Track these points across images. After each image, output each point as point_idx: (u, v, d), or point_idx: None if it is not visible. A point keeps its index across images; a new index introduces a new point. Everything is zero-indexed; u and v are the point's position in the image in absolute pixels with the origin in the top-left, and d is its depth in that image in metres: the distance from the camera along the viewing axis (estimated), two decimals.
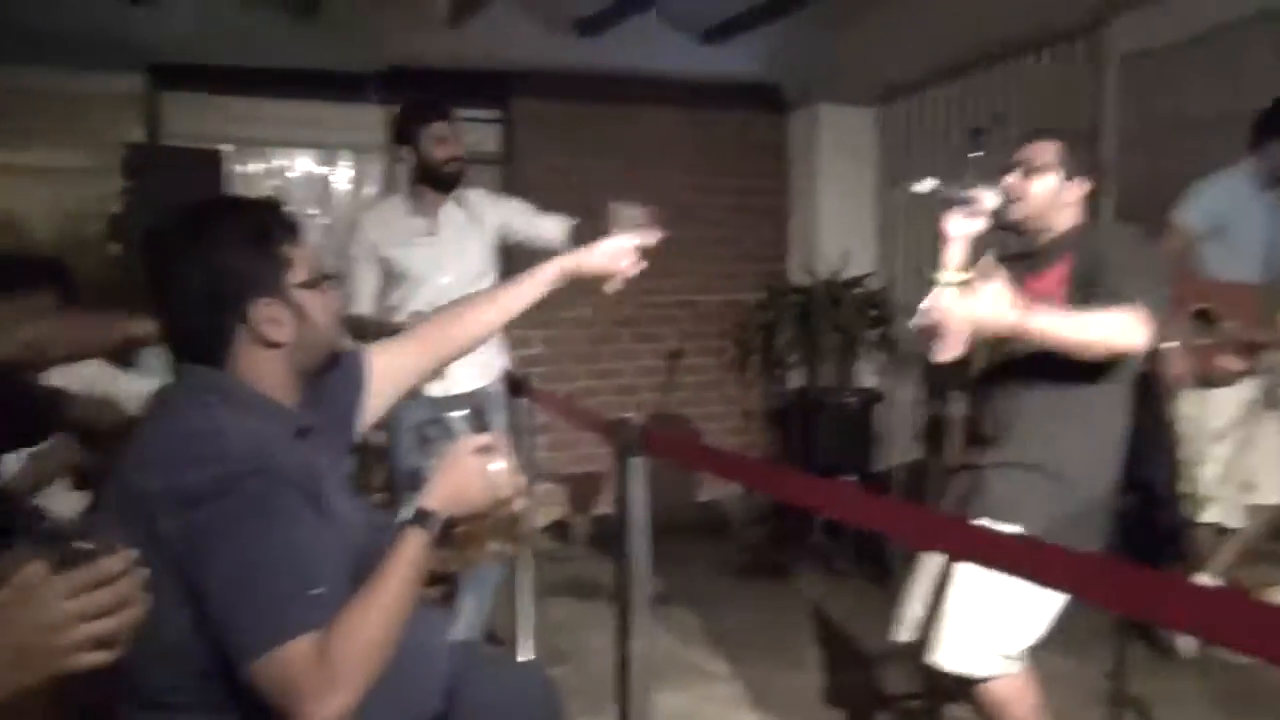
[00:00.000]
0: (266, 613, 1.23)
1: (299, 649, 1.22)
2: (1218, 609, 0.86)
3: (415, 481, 3.02)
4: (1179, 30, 3.89)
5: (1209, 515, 3.33)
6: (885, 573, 4.05)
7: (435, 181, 3.22)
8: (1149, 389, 2.31)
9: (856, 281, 5.48)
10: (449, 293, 3.22)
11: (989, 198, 2.22)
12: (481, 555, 1.51)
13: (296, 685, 1.21)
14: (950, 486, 2.35)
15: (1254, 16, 3.66)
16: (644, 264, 1.88)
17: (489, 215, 3.32)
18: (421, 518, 1.41)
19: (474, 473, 1.45)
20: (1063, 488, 2.13)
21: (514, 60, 5.15)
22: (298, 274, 1.44)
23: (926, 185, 2.23)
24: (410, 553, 1.37)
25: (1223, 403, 3.31)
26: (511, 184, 5.31)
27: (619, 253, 1.87)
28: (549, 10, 4.67)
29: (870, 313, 5.46)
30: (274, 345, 1.42)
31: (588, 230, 3.26)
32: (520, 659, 3.37)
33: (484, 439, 1.49)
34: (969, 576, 2.14)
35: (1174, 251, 3.23)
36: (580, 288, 1.90)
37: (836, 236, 5.67)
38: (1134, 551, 2.23)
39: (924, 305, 2.00)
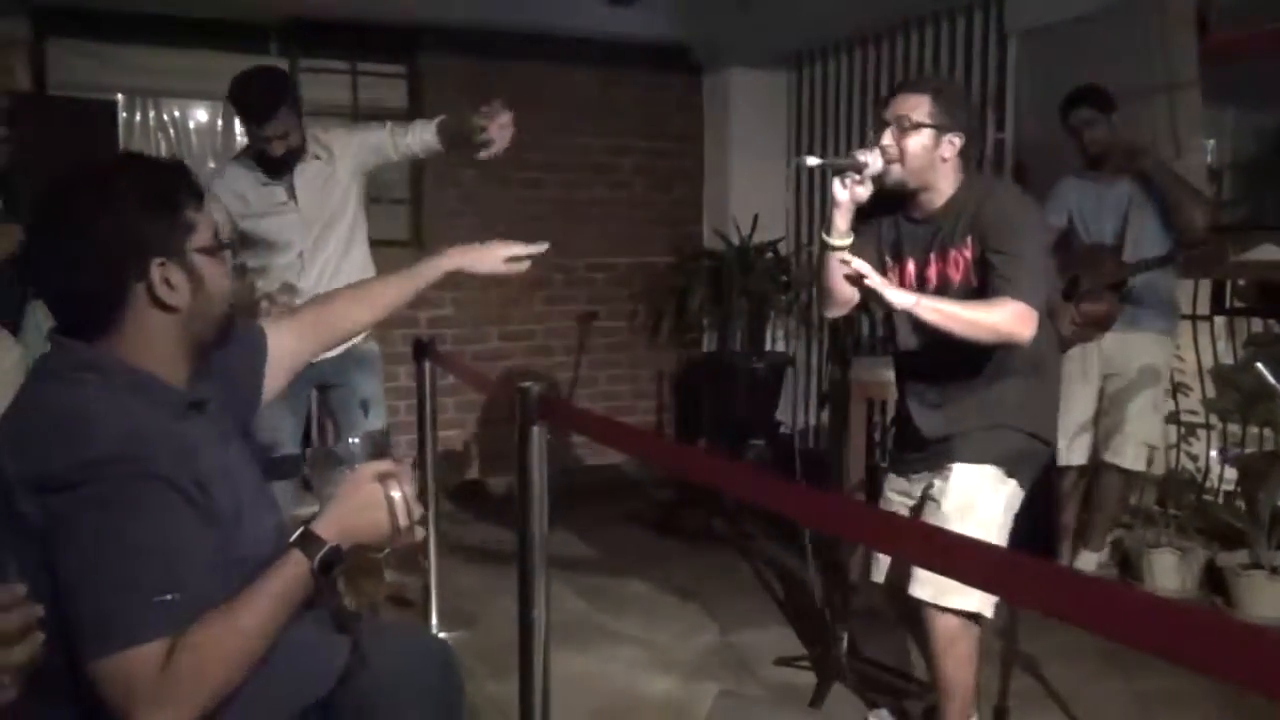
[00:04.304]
0: (112, 612, 1.19)
1: (141, 655, 1.18)
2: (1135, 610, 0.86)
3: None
4: (1074, 8, 4.02)
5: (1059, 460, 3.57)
6: (793, 537, 4.12)
7: (268, 165, 3.12)
8: None
9: (767, 247, 5.53)
10: (314, 252, 3.18)
11: (871, 162, 2.23)
12: (378, 589, 1.43)
13: (132, 692, 1.17)
14: (909, 467, 2.46)
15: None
16: (526, 267, 1.94)
17: (342, 156, 3.21)
18: (306, 541, 1.32)
19: (374, 502, 1.37)
20: (1023, 434, 2.32)
21: (420, 15, 5.02)
22: (199, 239, 1.41)
23: (812, 160, 2.31)
24: (285, 578, 1.29)
25: (1096, 361, 3.62)
26: None
27: (501, 259, 1.92)
28: None
29: (780, 278, 5.52)
30: (169, 309, 1.38)
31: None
32: (429, 624, 3.36)
33: (385, 465, 1.41)
34: (950, 509, 2.25)
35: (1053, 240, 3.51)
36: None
37: (748, 201, 5.69)
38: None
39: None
